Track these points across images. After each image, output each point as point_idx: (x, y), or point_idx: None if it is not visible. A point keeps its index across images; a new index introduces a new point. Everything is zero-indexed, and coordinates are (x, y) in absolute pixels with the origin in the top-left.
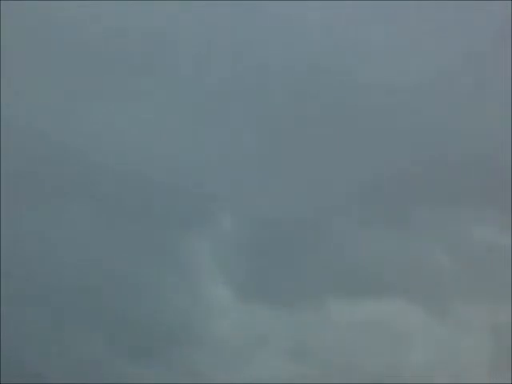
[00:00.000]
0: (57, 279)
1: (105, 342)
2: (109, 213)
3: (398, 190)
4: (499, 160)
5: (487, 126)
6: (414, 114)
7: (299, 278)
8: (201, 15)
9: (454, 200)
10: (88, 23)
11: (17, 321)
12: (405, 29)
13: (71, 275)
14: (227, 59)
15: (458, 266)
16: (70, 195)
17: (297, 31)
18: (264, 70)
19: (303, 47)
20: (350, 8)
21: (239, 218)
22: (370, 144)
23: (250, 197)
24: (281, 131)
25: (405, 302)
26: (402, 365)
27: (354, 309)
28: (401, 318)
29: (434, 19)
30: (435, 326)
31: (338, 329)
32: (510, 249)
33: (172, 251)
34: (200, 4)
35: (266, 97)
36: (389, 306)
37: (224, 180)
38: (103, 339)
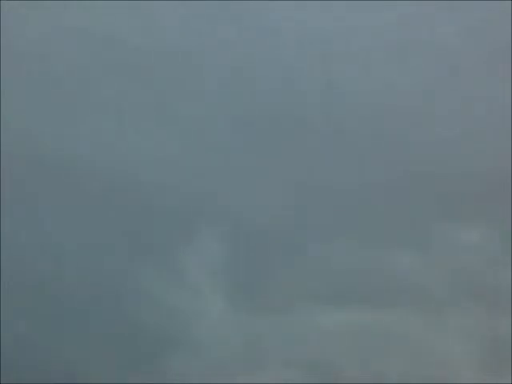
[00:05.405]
0: (56, 283)
1: (104, 345)
2: (107, 217)
3: (388, 199)
4: (491, 165)
5: (486, 137)
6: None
7: (289, 285)
8: (199, 25)
9: (439, 208)
10: (92, 32)
11: (17, 322)
12: (402, 34)
13: (71, 278)
14: (221, 70)
15: (447, 271)
16: (68, 200)
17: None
18: (250, 78)
19: (290, 54)
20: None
21: (228, 228)
22: (354, 155)
23: (238, 207)
24: (268, 141)
25: (393, 308)
26: (391, 369)
27: (341, 315)
28: (389, 325)
29: (431, 23)
30: (428, 333)
31: (326, 334)
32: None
33: (167, 259)
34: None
35: (254, 108)
36: (377, 313)
37: (213, 190)
38: (102, 343)
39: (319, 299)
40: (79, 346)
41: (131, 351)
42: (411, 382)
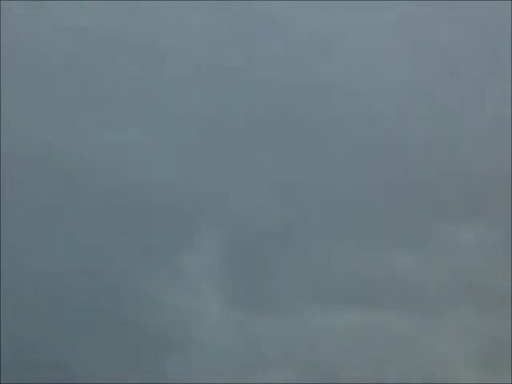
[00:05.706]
0: (56, 283)
1: (104, 345)
2: (107, 217)
3: (388, 199)
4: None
5: (486, 137)
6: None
7: (289, 285)
8: (200, 25)
9: (439, 208)
10: (92, 32)
11: (17, 322)
12: (402, 34)
13: (71, 278)
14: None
15: (447, 271)
16: (68, 200)
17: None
18: (250, 78)
19: (290, 54)
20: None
21: (228, 228)
22: (354, 155)
23: (238, 207)
24: (268, 141)
25: (393, 309)
26: (391, 369)
27: (341, 315)
28: (389, 325)
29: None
30: (428, 333)
31: (326, 334)
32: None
33: (167, 259)
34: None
35: (255, 112)
36: (377, 313)
37: (213, 190)
38: (102, 343)
39: (319, 299)
40: (79, 346)
41: (131, 351)
42: (411, 382)
